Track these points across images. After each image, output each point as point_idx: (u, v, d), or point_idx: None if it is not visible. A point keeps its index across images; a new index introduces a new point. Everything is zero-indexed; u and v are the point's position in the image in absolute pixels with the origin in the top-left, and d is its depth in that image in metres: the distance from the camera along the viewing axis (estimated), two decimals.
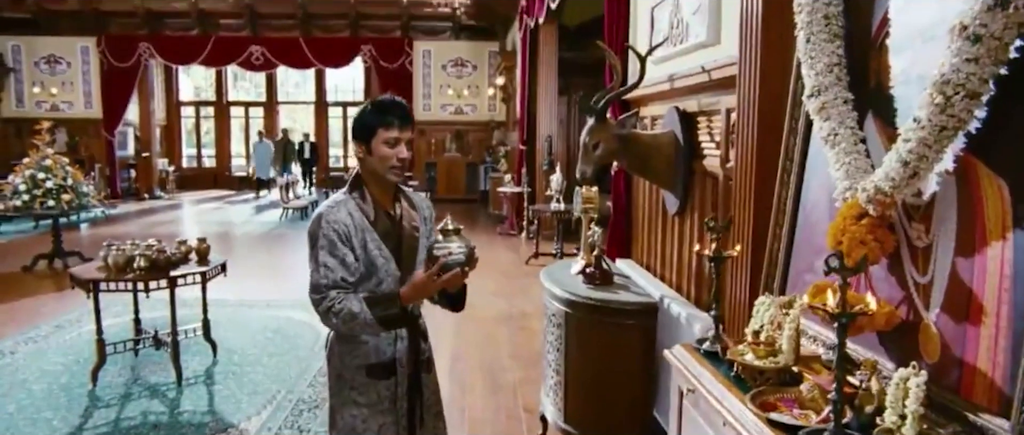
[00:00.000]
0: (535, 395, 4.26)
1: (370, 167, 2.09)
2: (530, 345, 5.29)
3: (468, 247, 2.00)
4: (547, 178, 9.77)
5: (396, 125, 2.03)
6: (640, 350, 3.12)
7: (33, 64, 15.65)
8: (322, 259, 2.02)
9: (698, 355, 1.96)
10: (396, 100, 2.11)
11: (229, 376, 4.56)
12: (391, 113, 2.04)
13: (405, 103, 2.12)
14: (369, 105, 2.11)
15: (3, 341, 5.31)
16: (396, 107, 2.07)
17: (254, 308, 6.33)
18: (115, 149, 15.51)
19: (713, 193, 3.04)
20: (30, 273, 7.95)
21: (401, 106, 2.09)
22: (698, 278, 3.23)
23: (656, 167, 3.39)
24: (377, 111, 2.06)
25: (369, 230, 2.07)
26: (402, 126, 2.05)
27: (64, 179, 7.70)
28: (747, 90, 2.42)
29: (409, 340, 2.16)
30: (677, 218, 3.49)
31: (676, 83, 3.35)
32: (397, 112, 2.05)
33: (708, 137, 3.10)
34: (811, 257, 1.88)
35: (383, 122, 2.03)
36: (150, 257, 4.24)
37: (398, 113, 2.05)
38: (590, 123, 3.29)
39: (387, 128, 2.03)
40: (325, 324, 2.07)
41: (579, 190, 3.81)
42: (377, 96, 2.14)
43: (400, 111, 2.06)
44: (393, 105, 2.07)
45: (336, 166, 19.02)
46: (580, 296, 3.19)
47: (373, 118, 2.05)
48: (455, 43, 15.74)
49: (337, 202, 2.09)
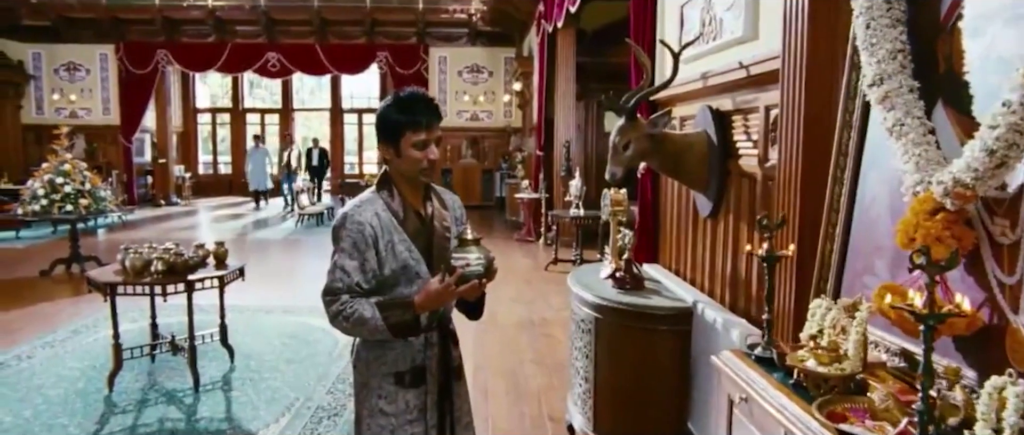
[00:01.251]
0: (560, 403, 4.15)
1: (399, 168, 1.99)
2: (552, 352, 5.17)
3: (487, 258, 1.89)
4: (565, 184, 9.67)
5: (424, 126, 1.92)
6: (674, 357, 3.00)
7: (53, 71, 15.76)
8: (340, 262, 1.93)
9: (750, 361, 1.84)
10: (420, 94, 1.97)
11: (246, 382, 4.48)
12: (418, 112, 1.92)
13: (429, 95, 2.01)
14: (393, 102, 1.96)
15: (20, 345, 5.27)
16: (422, 103, 1.95)
17: (271, 313, 6.25)
18: (132, 155, 15.57)
19: (750, 194, 2.92)
20: (48, 278, 7.93)
21: (427, 101, 1.96)
22: (733, 283, 3.10)
23: (689, 168, 3.28)
24: (403, 110, 1.93)
25: (397, 230, 1.97)
26: (430, 125, 1.93)
27: (82, 184, 7.69)
28: (792, 85, 2.30)
29: (439, 346, 2.05)
30: (710, 221, 3.37)
31: (709, 81, 3.24)
32: (424, 110, 1.93)
33: (744, 136, 2.98)
34: (871, 257, 1.77)
35: (411, 123, 1.91)
36: (168, 260, 4.17)
37: (425, 111, 1.93)
38: (620, 123, 3.19)
39: (415, 130, 1.91)
40: (334, 326, 1.97)
41: (607, 193, 3.70)
42: (399, 93, 1.97)
43: (427, 108, 1.94)
44: (418, 101, 1.95)
45: (351, 172, 19.02)
46: (611, 301, 3.08)
47: (400, 118, 1.92)
48: (471, 49, 15.69)
49: (364, 201, 1.99)
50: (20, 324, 5.94)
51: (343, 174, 18.59)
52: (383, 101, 2.02)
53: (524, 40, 13.84)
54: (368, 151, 19.94)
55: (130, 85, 15.32)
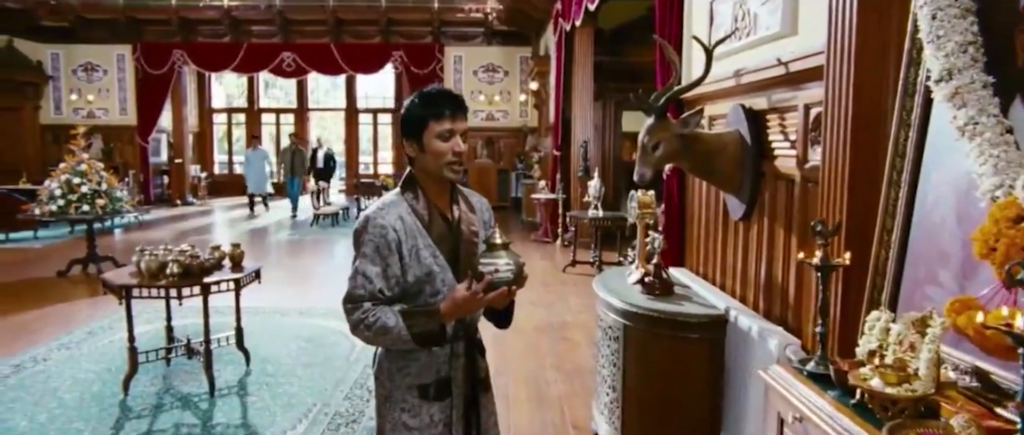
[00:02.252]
0: (582, 410, 4.04)
1: (423, 165, 1.90)
2: (573, 356, 5.06)
3: (516, 264, 1.78)
4: (582, 184, 9.55)
5: (448, 115, 1.84)
6: (706, 367, 2.88)
7: (71, 72, 15.84)
8: (362, 267, 1.83)
9: (802, 377, 1.72)
10: (444, 89, 1.91)
11: (263, 387, 4.40)
12: (442, 103, 1.85)
13: (454, 91, 1.92)
14: (416, 98, 1.90)
15: (36, 347, 5.22)
16: (446, 95, 1.87)
17: (287, 316, 6.18)
18: (149, 155, 15.66)
19: (787, 196, 2.79)
20: (65, 278, 7.92)
21: (451, 94, 1.89)
22: (768, 289, 2.97)
23: (721, 169, 3.15)
24: (426, 102, 1.86)
25: (422, 235, 1.87)
26: (455, 115, 1.85)
27: (98, 184, 7.67)
28: (838, 81, 2.17)
29: (466, 357, 1.95)
30: (742, 224, 3.24)
31: (742, 79, 3.11)
32: (448, 101, 1.86)
33: (781, 136, 2.85)
34: (933, 265, 1.64)
35: (434, 113, 1.83)
36: (183, 263, 4.10)
37: (449, 102, 1.85)
38: (649, 122, 3.07)
39: (439, 120, 1.83)
40: (355, 335, 1.87)
41: (634, 194, 3.59)
42: (423, 89, 1.93)
43: (451, 99, 1.86)
44: (442, 94, 1.88)
45: (366, 172, 18.99)
46: (640, 307, 2.96)
47: (422, 110, 1.85)
48: (487, 49, 15.60)
49: (387, 204, 1.90)
50: (37, 325, 5.91)
51: (358, 174, 18.56)
52: (406, 102, 1.94)
53: (540, 39, 13.73)
54: (383, 151, 19.91)
55: (146, 85, 15.40)
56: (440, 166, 1.86)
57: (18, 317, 6.19)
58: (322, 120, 22.92)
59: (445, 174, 1.87)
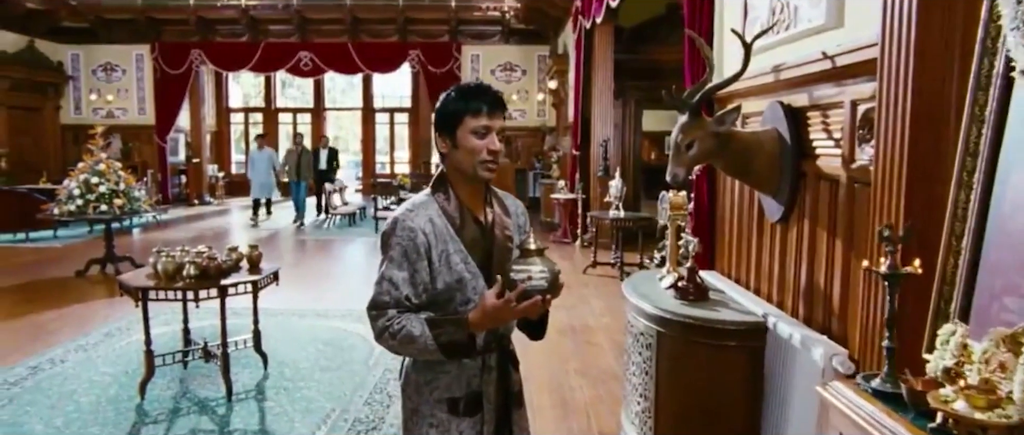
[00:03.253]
0: (609, 418, 3.91)
1: (456, 163, 1.78)
2: (597, 361, 4.93)
3: (552, 272, 1.66)
4: (602, 184, 9.41)
5: (486, 111, 1.73)
6: (745, 377, 2.74)
7: (91, 72, 15.94)
8: (388, 272, 1.73)
9: (868, 395, 1.58)
10: (483, 84, 1.80)
11: (280, 392, 4.31)
12: (479, 98, 1.74)
13: (492, 89, 1.82)
14: (453, 91, 1.80)
15: (54, 349, 5.18)
16: (484, 91, 1.77)
17: (305, 318, 6.10)
18: (167, 155, 15.70)
19: (831, 198, 2.64)
20: (83, 278, 7.91)
21: (490, 90, 1.78)
22: (808, 294, 2.83)
23: (758, 169, 3.00)
24: (463, 96, 1.75)
25: (453, 239, 1.76)
26: (492, 112, 1.74)
27: (116, 184, 7.65)
28: (894, 75, 2.03)
29: (498, 370, 1.83)
30: (779, 226, 3.09)
31: (781, 75, 2.97)
32: (486, 96, 1.75)
33: (824, 134, 2.70)
34: (1012, 275, 1.50)
35: (470, 108, 1.72)
36: (200, 265, 4.01)
37: (487, 97, 1.74)
38: (682, 120, 2.93)
39: (475, 115, 1.72)
40: (379, 343, 1.77)
41: (664, 195, 3.45)
42: (460, 83, 1.83)
43: (490, 95, 1.75)
44: (481, 89, 1.77)
45: (382, 172, 18.95)
46: (674, 313, 2.82)
47: (458, 104, 1.74)
48: (504, 47, 15.49)
49: (417, 205, 1.79)
50: (55, 326, 5.87)
51: (375, 174, 18.52)
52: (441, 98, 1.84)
53: (558, 37, 13.60)
54: (399, 151, 19.87)
55: (165, 85, 15.45)
56: (474, 164, 1.75)
57: (36, 317, 6.16)
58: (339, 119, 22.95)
59: (479, 173, 1.76)
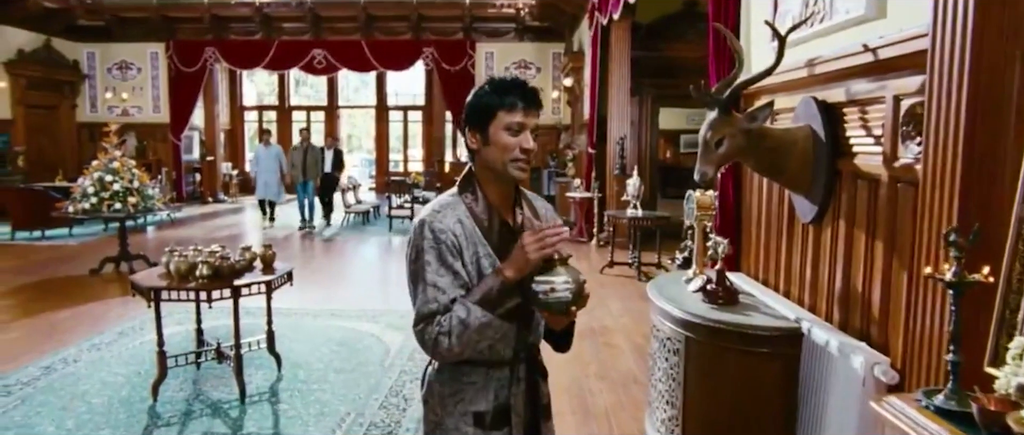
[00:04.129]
0: (631, 424, 3.81)
1: (486, 161, 1.68)
2: (616, 364, 4.81)
3: (576, 282, 1.56)
4: (619, 182, 9.28)
5: (521, 107, 1.63)
6: (778, 385, 2.62)
7: (106, 70, 15.98)
8: (430, 278, 1.60)
9: (930, 414, 1.46)
10: (519, 78, 1.69)
11: (294, 394, 4.23)
12: (515, 92, 1.64)
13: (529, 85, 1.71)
14: (487, 84, 1.69)
15: (68, 348, 5.13)
16: (520, 85, 1.66)
17: (318, 317, 6.03)
18: (181, 153, 15.72)
19: (870, 198, 2.51)
20: (98, 276, 7.89)
21: (526, 85, 1.68)
22: (844, 298, 2.70)
23: (790, 167, 2.88)
24: (497, 91, 1.65)
25: (482, 242, 1.65)
26: (528, 108, 1.64)
27: (130, 182, 7.61)
28: (947, 68, 1.90)
29: (527, 381, 1.72)
30: (812, 227, 2.97)
31: (816, 69, 2.85)
32: (522, 91, 1.64)
33: (862, 131, 2.58)
34: None
35: (504, 103, 1.62)
36: (213, 264, 3.94)
37: (523, 93, 1.64)
38: (712, 116, 2.83)
39: (510, 111, 1.62)
40: (437, 357, 1.65)
41: (691, 195, 3.33)
42: (494, 77, 1.72)
43: (526, 90, 1.65)
44: (516, 83, 1.66)
45: (396, 170, 18.89)
46: (703, 318, 2.71)
47: (492, 99, 1.64)
48: (519, 45, 15.36)
49: (444, 205, 1.68)
50: (69, 324, 5.84)
51: (388, 172, 18.47)
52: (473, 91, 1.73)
53: (573, 34, 13.46)
54: (413, 149, 19.81)
55: (179, 83, 15.47)
56: (505, 163, 1.64)
57: (51, 316, 6.13)
58: (352, 117, 22.94)
59: (510, 171, 1.65)
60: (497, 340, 1.62)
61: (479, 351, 1.62)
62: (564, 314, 1.58)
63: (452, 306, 1.58)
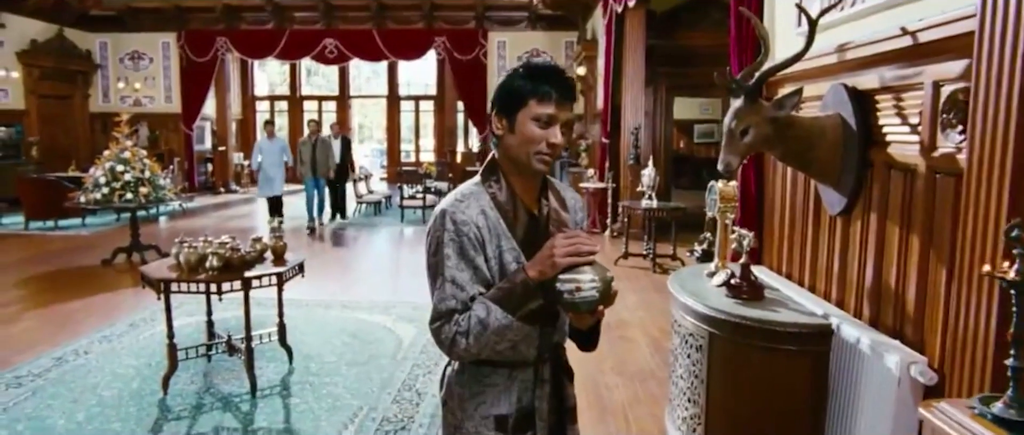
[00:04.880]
0: (648, 420, 3.72)
1: (509, 150, 1.57)
2: (633, 358, 4.72)
3: (603, 280, 1.44)
4: (633, 173, 9.16)
5: (555, 98, 1.50)
6: (806, 383, 2.52)
7: (118, 60, 15.98)
8: (449, 273, 1.50)
9: (988, 423, 1.36)
10: (556, 67, 1.57)
11: (306, 387, 4.17)
12: (550, 81, 1.51)
13: (565, 74, 1.59)
14: (521, 68, 1.57)
15: (79, 339, 5.10)
16: (557, 74, 1.54)
17: (330, 309, 5.97)
18: (193, 143, 15.73)
19: (905, 189, 2.40)
20: (110, 267, 7.87)
21: (563, 75, 1.55)
22: (874, 294, 2.59)
23: (818, 157, 2.77)
24: (531, 76, 1.53)
25: (505, 235, 1.55)
26: (562, 101, 1.51)
27: (142, 172, 7.58)
28: (997, 51, 1.79)
29: (552, 383, 1.63)
30: (840, 219, 2.86)
31: (847, 54, 2.73)
32: (558, 81, 1.52)
33: (896, 119, 2.46)
34: None
35: (538, 92, 1.50)
36: (223, 256, 3.88)
37: (560, 83, 1.52)
38: (737, 104, 2.71)
39: (542, 101, 1.50)
40: (453, 356, 1.55)
41: (713, 185, 3.23)
42: (531, 60, 1.61)
43: (561, 81, 1.53)
44: (552, 72, 1.54)
45: (407, 160, 18.83)
46: (728, 314, 2.61)
47: (525, 85, 1.52)
48: (531, 33, 15.20)
49: (466, 195, 1.57)
50: (81, 315, 5.81)
51: (400, 162, 18.42)
52: (506, 73, 1.62)
53: (587, 23, 13.30)
54: (424, 139, 19.73)
55: (191, 73, 15.45)
56: (528, 154, 1.54)
57: (63, 306, 6.11)
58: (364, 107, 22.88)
59: (533, 164, 1.55)
60: (519, 341, 1.53)
61: (500, 352, 1.54)
62: (591, 313, 1.47)
63: (471, 304, 1.49)
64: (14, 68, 13.64)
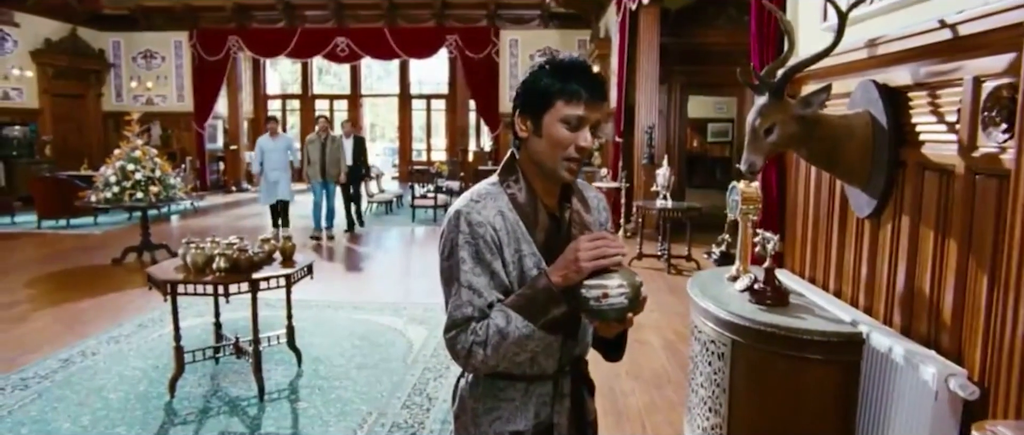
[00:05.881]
0: (666, 427, 3.62)
1: (534, 153, 1.46)
2: (649, 362, 4.61)
3: (632, 286, 1.34)
4: (647, 172, 9.03)
5: (583, 99, 1.39)
6: (834, 395, 2.40)
7: (131, 59, 16.02)
8: (465, 279, 1.39)
9: None
10: (584, 62, 1.45)
11: (314, 391, 4.08)
12: (579, 79, 1.40)
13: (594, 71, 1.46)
14: (548, 65, 1.45)
15: (87, 339, 5.05)
16: (586, 71, 1.42)
17: (340, 310, 5.89)
18: (205, 142, 15.73)
19: (941, 191, 2.28)
20: (120, 266, 7.84)
21: (593, 72, 1.44)
22: (906, 301, 2.47)
23: (846, 158, 2.65)
24: (560, 74, 1.41)
25: (525, 238, 1.44)
26: (592, 101, 1.40)
27: (152, 171, 7.53)
28: None
29: (572, 397, 1.53)
30: (869, 222, 2.74)
31: (878, 49, 2.60)
32: (588, 80, 1.41)
33: (932, 117, 2.34)
34: None
35: (566, 92, 1.39)
36: (231, 257, 3.80)
37: (590, 82, 1.41)
38: (761, 102, 2.60)
39: (570, 101, 1.39)
40: (469, 368, 1.45)
41: (735, 186, 3.11)
42: (553, 55, 1.48)
43: (593, 79, 1.41)
44: (582, 69, 1.42)
45: (419, 159, 18.77)
46: (752, 321, 2.49)
47: (552, 84, 1.40)
48: (543, 32, 15.08)
49: (483, 195, 1.46)
50: (90, 315, 5.77)
51: (412, 161, 18.36)
52: (530, 68, 1.50)
53: (600, 21, 13.17)
54: (436, 138, 19.66)
55: (203, 72, 15.46)
56: (555, 159, 1.42)
57: (72, 306, 6.07)
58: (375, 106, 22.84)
59: (560, 171, 1.44)
60: (539, 352, 1.42)
61: (518, 364, 1.43)
62: (619, 322, 1.35)
63: (489, 311, 1.38)
64: (28, 67, 13.69)
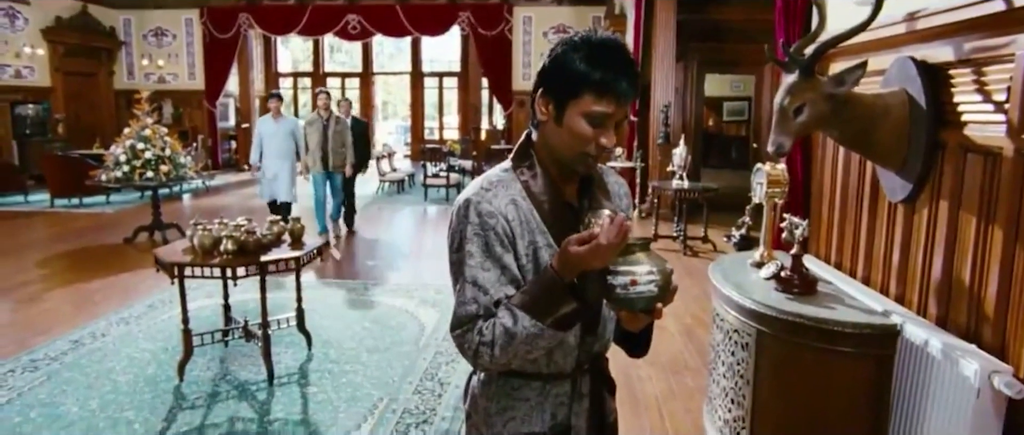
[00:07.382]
0: (684, 416, 3.52)
1: (550, 140, 1.33)
2: (666, 348, 4.51)
3: (662, 273, 1.20)
4: (662, 152, 8.87)
5: (614, 95, 1.24)
6: (866, 390, 2.28)
7: (142, 37, 15.94)
8: (471, 274, 1.27)
9: None
10: (620, 44, 1.28)
11: (324, 376, 4.02)
12: (616, 71, 1.24)
13: (630, 54, 1.30)
14: (581, 44, 1.27)
15: (97, 321, 5.01)
16: (623, 62, 1.25)
17: (351, 291, 5.82)
18: (217, 120, 15.68)
19: (985, 175, 2.14)
20: (131, 245, 7.81)
21: (629, 60, 1.27)
22: (946, 291, 2.34)
23: (880, 138, 2.51)
24: (594, 62, 1.24)
25: (540, 229, 1.32)
26: (622, 98, 1.25)
27: (162, 150, 7.47)
28: None
29: (591, 397, 1.42)
30: (903, 206, 2.60)
31: (917, 24, 2.44)
32: (622, 75, 1.24)
33: (977, 96, 2.19)
34: None
35: (599, 85, 1.23)
36: (238, 239, 3.72)
37: (625, 76, 1.24)
38: (791, 80, 2.47)
39: (600, 96, 1.24)
40: (478, 367, 1.35)
41: (760, 168, 2.97)
42: (588, 33, 1.29)
43: (628, 75, 1.25)
44: (619, 58, 1.25)
45: (431, 138, 18.64)
46: (779, 311, 2.37)
47: (584, 72, 1.24)
48: (557, 9, 14.82)
49: (494, 182, 1.34)
50: (100, 296, 5.74)
51: (423, 139, 18.24)
52: (563, 41, 1.31)
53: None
54: (448, 116, 19.50)
55: (214, 49, 15.36)
56: (573, 151, 1.30)
57: (83, 286, 6.04)
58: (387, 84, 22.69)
59: (575, 165, 1.32)
60: (554, 349, 1.32)
61: (532, 361, 1.33)
62: (647, 313, 1.21)
63: (495, 309, 1.26)
64: (40, 45, 13.64)
